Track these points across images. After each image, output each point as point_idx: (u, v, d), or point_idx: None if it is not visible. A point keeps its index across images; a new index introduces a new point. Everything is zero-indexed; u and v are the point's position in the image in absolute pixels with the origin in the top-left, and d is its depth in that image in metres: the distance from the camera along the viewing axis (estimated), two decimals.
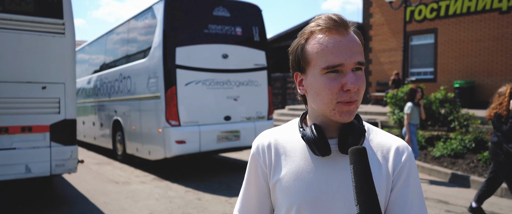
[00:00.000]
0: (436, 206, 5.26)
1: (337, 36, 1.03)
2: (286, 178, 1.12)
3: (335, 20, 1.04)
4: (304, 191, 1.08)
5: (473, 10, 12.51)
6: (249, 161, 1.23)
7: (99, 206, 5.52)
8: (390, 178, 1.06)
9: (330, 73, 1.03)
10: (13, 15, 5.08)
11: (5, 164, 4.99)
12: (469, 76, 12.64)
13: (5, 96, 5.02)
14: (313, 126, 1.08)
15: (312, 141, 1.06)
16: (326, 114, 1.08)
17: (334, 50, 1.02)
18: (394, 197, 1.06)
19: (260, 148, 1.20)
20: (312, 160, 1.11)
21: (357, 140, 1.03)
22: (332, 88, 1.02)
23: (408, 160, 1.08)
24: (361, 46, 1.06)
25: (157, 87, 7.22)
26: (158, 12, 7.34)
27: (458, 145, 7.48)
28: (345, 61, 1.01)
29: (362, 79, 1.04)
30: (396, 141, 1.11)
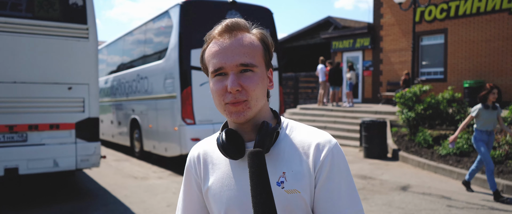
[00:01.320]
0: (439, 202, 5.52)
1: (222, 40, 1.07)
2: (213, 186, 1.14)
3: (223, 25, 1.08)
4: (229, 196, 1.10)
5: (482, 11, 12.62)
6: (185, 173, 1.26)
7: (121, 199, 5.91)
8: (313, 174, 1.05)
9: (217, 76, 1.07)
10: (42, 21, 5.50)
11: (35, 158, 5.41)
12: (479, 76, 12.76)
13: (35, 96, 5.45)
14: (224, 131, 1.10)
15: (221, 146, 1.08)
16: (224, 115, 1.12)
17: (216, 54, 1.06)
18: (318, 193, 1.05)
19: (191, 160, 1.23)
20: (234, 165, 1.12)
21: (263, 139, 1.04)
22: (218, 90, 1.07)
23: (330, 154, 1.06)
24: (251, 48, 1.07)
25: (173, 88, 7.60)
26: (174, 15, 7.71)
27: (464, 144, 7.68)
28: (225, 64, 1.04)
29: (249, 80, 1.05)
30: (318, 136, 1.10)
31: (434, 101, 9.09)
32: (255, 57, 1.07)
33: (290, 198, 1.03)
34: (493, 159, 6.82)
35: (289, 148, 1.09)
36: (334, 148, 1.07)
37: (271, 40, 1.15)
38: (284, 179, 1.05)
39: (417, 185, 6.43)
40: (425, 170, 7.60)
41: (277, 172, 1.06)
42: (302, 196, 1.03)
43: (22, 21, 5.36)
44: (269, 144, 1.05)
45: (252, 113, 1.07)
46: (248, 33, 1.10)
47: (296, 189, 1.03)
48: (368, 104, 15.66)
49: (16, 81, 5.33)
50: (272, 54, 1.15)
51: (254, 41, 1.09)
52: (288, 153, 1.08)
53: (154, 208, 5.41)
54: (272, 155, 1.08)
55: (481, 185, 6.32)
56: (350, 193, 1.06)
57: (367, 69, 16.58)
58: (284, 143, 1.10)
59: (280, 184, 1.04)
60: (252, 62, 1.06)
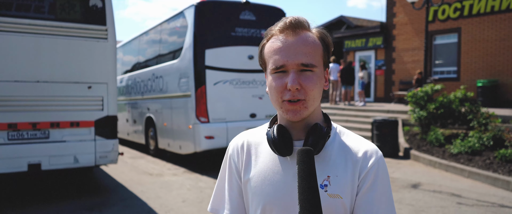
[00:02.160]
0: (449, 199, 5.59)
1: (285, 37, 1.08)
2: (255, 178, 1.15)
3: (286, 22, 1.09)
4: (270, 192, 1.10)
5: (497, 10, 12.55)
6: (226, 161, 1.28)
7: (137, 194, 6.12)
8: (356, 182, 1.07)
9: (277, 73, 1.09)
10: (64, 23, 5.73)
11: (57, 154, 5.64)
12: (492, 75, 12.69)
13: (56, 95, 5.67)
14: (275, 127, 1.12)
15: (272, 141, 1.10)
16: (279, 112, 1.14)
17: (279, 51, 1.08)
18: (359, 201, 1.07)
19: (235, 149, 1.24)
20: (279, 161, 1.13)
21: (316, 141, 1.06)
22: (278, 87, 1.08)
23: (376, 165, 1.08)
24: (312, 48, 1.09)
25: (188, 87, 7.78)
26: (189, 16, 7.89)
27: (475, 143, 7.71)
28: (287, 61, 1.06)
29: (309, 79, 1.07)
30: (366, 145, 1.12)
31: (446, 101, 9.12)
32: (316, 57, 1.09)
33: (331, 202, 1.05)
34: (505, 158, 6.86)
35: (336, 152, 1.11)
36: (380, 159, 1.10)
37: (330, 39, 1.15)
38: (328, 182, 1.06)
39: (427, 183, 6.50)
40: (437, 168, 7.65)
41: (322, 175, 1.07)
42: (343, 202, 1.05)
43: (44, 22, 5.59)
44: (321, 147, 1.07)
45: (307, 112, 1.09)
46: (309, 32, 1.11)
47: (339, 195, 1.05)
48: (380, 103, 15.67)
49: (39, 80, 5.56)
50: (331, 54, 1.17)
51: (316, 41, 1.10)
52: (335, 157, 1.10)
53: (169, 203, 5.60)
54: (319, 157, 1.10)
55: (492, 184, 6.36)
56: (389, 206, 1.08)
57: (379, 68, 16.59)
58: (332, 147, 1.12)
59: (323, 187, 1.06)
60: (313, 62, 1.07)
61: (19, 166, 5.41)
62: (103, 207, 5.45)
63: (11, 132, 5.42)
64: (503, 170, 6.59)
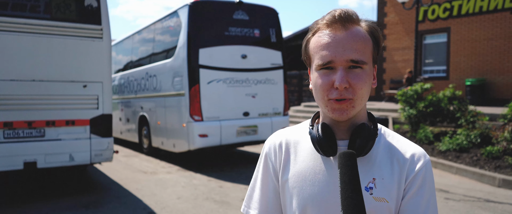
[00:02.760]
0: (437, 195, 5.76)
1: (334, 32, 1.02)
2: (293, 178, 1.10)
3: (335, 16, 1.02)
4: (311, 192, 1.06)
5: (485, 10, 12.80)
6: (262, 160, 1.22)
7: (133, 192, 6.20)
8: (402, 185, 1.02)
9: (323, 69, 1.02)
10: (59, 22, 5.78)
11: (52, 152, 5.70)
12: (480, 74, 12.94)
13: (52, 94, 5.73)
14: (320, 125, 1.06)
15: (316, 141, 1.05)
16: (323, 110, 1.08)
17: (326, 46, 1.01)
18: (405, 205, 1.02)
19: (272, 147, 1.19)
20: (321, 160, 1.08)
21: (365, 142, 1.01)
22: (323, 84, 1.02)
23: (424, 169, 1.03)
24: (363, 43, 1.02)
25: (181, 85, 7.87)
26: (183, 16, 7.98)
27: (463, 140, 7.91)
28: (335, 57, 1.00)
29: (358, 77, 1.01)
30: (413, 147, 1.07)
31: (435, 99, 9.31)
32: (365, 54, 1.02)
33: (377, 205, 1.01)
34: (491, 154, 7.05)
35: (381, 154, 1.06)
36: (428, 163, 1.05)
37: (380, 34, 1.09)
38: (374, 185, 1.02)
39: None
40: None
41: (367, 177, 1.03)
42: (389, 206, 1.01)
43: (40, 22, 5.64)
44: (369, 148, 1.02)
45: (355, 112, 1.04)
46: (359, 26, 1.04)
47: (385, 198, 1.01)
48: (372, 102, 15.87)
49: (34, 79, 5.61)
50: (381, 49, 1.11)
51: (365, 35, 1.04)
52: (380, 159, 1.05)
53: (165, 200, 5.69)
54: (364, 159, 1.05)
55: (478, 180, 6.55)
56: (434, 212, 1.04)
57: None
58: (377, 148, 1.07)
59: (368, 189, 1.02)
60: (363, 59, 1.01)
61: (15, 164, 5.47)
62: (99, 205, 5.53)
63: (6, 131, 5.47)
64: (489, 166, 6.79)
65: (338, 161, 0.96)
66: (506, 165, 6.67)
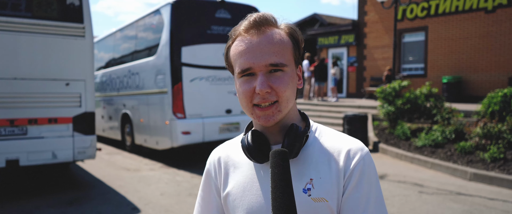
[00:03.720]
0: (412, 188, 6.00)
1: (250, 37, 1.00)
2: (234, 190, 1.08)
3: (251, 21, 1.00)
4: (251, 202, 1.04)
5: (461, 9, 13.19)
6: (203, 177, 1.20)
7: (116, 189, 6.26)
8: (342, 182, 0.99)
9: (244, 76, 1.01)
10: (41, 20, 5.80)
11: (35, 150, 5.73)
12: (457, 72, 13.34)
13: (34, 92, 5.75)
14: (250, 133, 1.05)
15: (246, 149, 1.03)
16: (251, 118, 1.07)
17: (243, 53, 0.99)
18: (345, 202, 0.99)
19: (212, 165, 1.17)
20: (258, 169, 1.06)
21: (292, 143, 0.99)
22: (245, 91, 1.01)
23: (361, 163, 1.00)
24: (281, 46, 1.00)
25: (164, 83, 7.94)
26: (165, 14, 8.04)
27: (439, 136, 8.20)
28: (253, 64, 0.98)
29: (279, 80, 0.99)
30: (349, 143, 1.04)
31: (412, 96, 9.60)
32: (285, 56, 1.01)
33: (316, 206, 0.97)
34: (464, 150, 7.35)
35: (317, 153, 1.03)
36: (366, 156, 1.02)
37: (301, 34, 1.07)
38: (311, 186, 0.99)
39: (393, 174, 6.91)
40: (403, 160, 8.10)
41: (304, 178, 1.00)
42: (329, 205, 0.98)
43: (21, 20, 5.65)
44: (298, 148, 1.00)
45: (282, 116, 1.02)
46: (276, 29, 1.02)
47: (324, 198, 0.98)
48: (353, 99, 16.18)
49: (16, 77, 5.62)
50: (302, 50, 1.08)
51: (284, 37, 1.02)
52: (317, 158, 1.02)
53: (148, 197, 5.78)
54: (299, 160, 1.02)
55: (451, 174, 6.83)
56: (378, 205, 1.00)
57: (351, 65, 17.09)
58: (313, 147, 1.04)
59: (306, 191, 0.98)
60: (282, 61, 0.99)
61: None
62: (83, 201, 5.58)
63: None
64: (462, 161, 7.08)
65: (270, 161, 0.95)
66: (477, 159, 6.97)
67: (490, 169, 6.53)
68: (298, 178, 1.00)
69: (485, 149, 7.14)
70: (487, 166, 6.66)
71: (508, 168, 6.40)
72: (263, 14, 1.01)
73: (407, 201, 5.39)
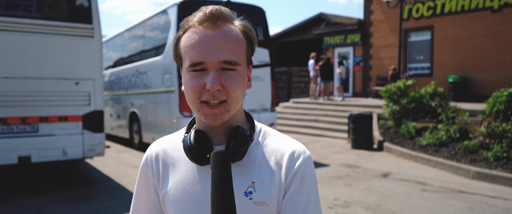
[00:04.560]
0: (414, 186, 6.08)
1: (205, 30, 0.95)
2: (172, 190, 1.03)
3: (206, 13, 0.95)
4: (189, 204, 1.00)
5: (467, 9, 13.19)
6: (139, 173, 1.13)
7: (124, 185, 6.42)
8: (283, 185, 0.98)
9: (195, 71, 0.95)
10: (51, 21, 5.96)
11: (46, 147, 5.89)
12: (463, 71, 13.34)
13: (45, 91, 5.91)
14: (192, 132, 1.00)
15: (187, 149, 0.98)
16: (196, 115, 1.03)
17: (196, 45, 0.94)
18: (284, 204, 0.98)
19: (148, 159, 1.11)
20: (199, 170, 1.02)
21: (238, 145, 0.95)
22: (194, 87, 0.95)
23: (303, 166, 0.99)
24: (236, 43, 0.96)
25: (171, 82, 8.08)
26: (172, 14, 8.18)
27: (443, 135, 8.25)
28: (206, 59, 0.93)
29: (231, 79, 0.95)
30: (292, 145, 1.02)
31: (417, 96, 9.65)
32: (239, 54, 0.97)
33: (257, 210, 0.96)
34: (468, 149, 7.40)
35: (260, 156, 1.01)
36: (308, 160, 1.01)
37: (254, 34, 1.04)
38: (253, 189, 0.97)
39: (397, 173, 6.99)
40: (407, 159, 8.17)
41: (246, 181, 0.98)
42: (270, 209, 0.97)
43: (32, 21, 5.81)
44: (243, 152, 0.97)
45: (229, 116, 0.99)
46: (232, 25, 0.99)
47: (265, 202, 0.96)
48: (358, 98, 16.22)
49: (28, 76, 5.79)
50: (255, 50, 1.05)
51: (239, 35, 0.98)
52: (259, 161, 1.00)
53: None
54: (242, 162, 1.00)
55: (455, 172, 6.89)
56: (315, 208, 1.00)
57: (357, 64, 17.14)
58: (256, 150, 1.02)
59: (248, 194, 0.97)
60: (236, 60, 0.95)
61: (9, 159, 5.65)
62: (92, 197, 5.74)
63: (1, 126, 5.64)
64: (465, 159, 7.13)
65: (210, 162, 0.91)
66: (481, 158, 7.02)
67: (493, 168, 6.58)
68: (241, 181, 0.98)
69: (489, 148, 7.19)
70: (490, 164, 6.71)
71: (511, 166, 6.45)
72: (219, 8, 0.97)
73: (409, 198, 5.47)
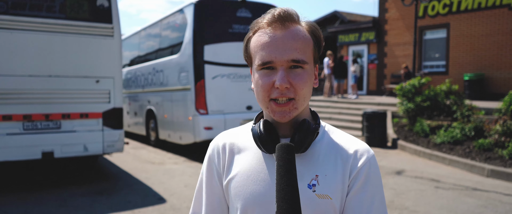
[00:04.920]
0: (428, 184, 6.12)
1: (274, 31, 1.00)
2: (237, 177, 1.09)
3: (275, 15, 1.01)
4: (253, 191, 1.05)
5: (483, 6, 13.05)
6: (205, 162, 1.20)
7: (142, 180, 6.61)
8: (346, 182, 1.02)
9: (264, 69, 1.01)
10: (73, 21, 6.16)
11: (68, 143, 6.11)
12: (478, 70, 13.23)
13: (67, 88, 6.13)
14: (261, 122, 1.06)
15: (257, 137, 1.03)
16: (265, 112, 1.08)
17: (266, 45, 1.00)
18: (349, 202, 1.01)
19: (215, 150, 1.17)
20: (264, 159, 1.07)
21: (303, 138, 1.00)
22: (264, 85, 1.01)
23: (367, 164, 1.03)
24: (303, 43, 1.01)
25: (187, 80, 8.25)
26: (189, 14, 8.34)
27: (458, 133, 8.24)
28: (275, 58, 0.98)
29: (299, 77, 1.00)
30: (357, 144, 1.07)
31: (432, 94, 9.63)
32: (306, 53, 1.01)
33: (320, 203, 0.99)
34: (482, 147, 7.39)
35: (325, 151, 1.05)
36: (372, 158, 1.05)
37: (321, 33, 1.08)
38: (317, 182, 1.01)
39: (411, 170, 7.03)
40: (421, 157, 8.19)
41: (310, 174, 1.02)
42: (333, 203, 1.00)
43: (56, 21, 6.03)
44: (308, 144, 1.01)
45: (297, 113, 1.03)
46: (299, 26, 1.03)
47: (328, 195, 1.00)
48: (372, 96, 16.18)
49: (51, 75, 6.01)
50: (322, 49, 1.09)
51: (306, 35, 1.03)
52: (323, 156, 1.04)
53: (173, 188, 6.09)
54: (306, 155, 1.04)
55: (469, 170, 6.90)
56: (380, 206, 1.03)
57: (372, 62, 17.10)
58: (320, 145, 1.06)
59: (311, 187, 1.00)
60: (303, 58, 1.00)
61: (33, 154, 5.88)
62: (112, 191, 5.93)
63: (26, 123, 5.87)
64: (480, 157, 7.13)
65: (275, 154, 0.96)
66: (496, 156, 7.02)
67: (508, 166, 6.57)
68: (305, 173, 1.02)
69: (504, 146, 7.17)
70: (505, 162, 6.71)
71: None
72: (287, 9, 1.02)
73: (422, 195, 5.52)
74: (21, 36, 5.81)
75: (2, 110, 5.71)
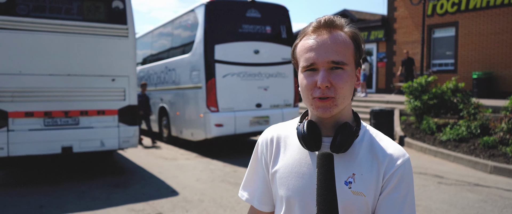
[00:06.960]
0: (431, 179, 6.31)
1: (317, 36, 1.11)
2: (282, 169, 1.19)
3: (319, 21, 1.12)
4: (295, 184, 1.15)
5: (492, 4, 13.10)
6: (255, 151, 1.34)
7: (156, 174, 6.90)
8: (380, 182, 1.09)
9: (308, 71, 1.11)
10: (90, 23, 6.47)
11: (86, 139, 6.43)
12: (487, 68, 13.28)
13: (85, 87, 6.45)
14: (306, 122, 1.15)
15: (301, 136, 1.13)
16: (309, 109, 1.17)
17: (309, 49, 1.10)
18: (381, 201, 1.09)
19: (264, 141, 1.30)
20: (307, 155, 1.17)
21: (344, 139, 1.08)
22: (308, 84, 1.10)
23: (402, 167, 1.10)
24: (344, 46, 1.10)
25: (199, 79, 8.52)
26: (200, 14, 8.60)
27: (464, 131, 8.38)
28: (317, 59, 1.08)
29: (339, 77, 1.08)
30: (394, 147, 1.14)
31: (439, 92, 9.76)
32: (346, 55, 1.10)
33: (354, 198, 1.08)
34: (487, 144, 7.53)
35: (363, 151, 1.13)
36: (407, 162, 1.12)
37: (362, 38, 1.17)
38: (353, 180, 1.09)
39: (416, 167, 7.21)
40: (427, 154, 8.35)
41: (348, 172, 1.11)
42: (366, 200, 1.08)
43: (74, 23, 6.34)
44: (348, 145, 1.10)
45: (337, 110, 1.12)
46: (341, 31, 1.13)
47: (362, 192, 1.08)
48: (381, 94, 16.31)
49: (70, 74, 6.32)
50: (363, 53, 1.18)
51: (346, 39, 1.12)
52: (361, 156, 1.12)
53: (185, 182, 6.37)
54: (346, 155, 1.13)
55: (473, 167, 7.06)
56: (410, 209, 1.10)
57: (381, 60, 17.21)
58: (359, 146, 1.14)
59: (347, 183, 1.09)
60: (343, 60, 1.09)
61: (54, 149, 6.21)
62: (127, 185, 6.24)
63: (47, 119, 6.20)
64: (484, 154, 7.28)
65: (317, 161, 1.06)
66: (499, 153, 7.16)
67: (511, 163, 6.72)
68: (343, 171, 1.11)
69: (508, 144, 7.30)
70: (508, 159, 6.85)
71: None
72: (331, 17, 1.14)
73: (425, 190, 5.72)
74: (42, 37, 6.14)
75: (24, 107, 6.04)
